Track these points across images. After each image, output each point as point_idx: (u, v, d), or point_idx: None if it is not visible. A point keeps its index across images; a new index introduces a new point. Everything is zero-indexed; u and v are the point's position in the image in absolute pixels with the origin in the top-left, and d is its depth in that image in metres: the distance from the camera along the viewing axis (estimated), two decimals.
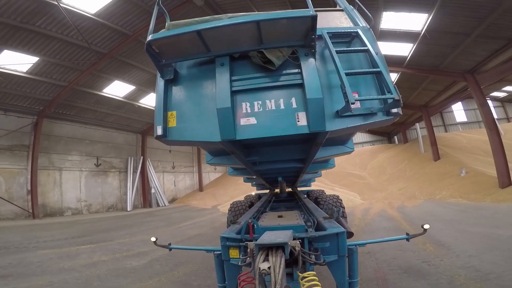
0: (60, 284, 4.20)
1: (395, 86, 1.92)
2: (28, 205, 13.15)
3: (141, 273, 4.63)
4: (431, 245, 5.03)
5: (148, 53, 2.12)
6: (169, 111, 2.37)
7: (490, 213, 7.44)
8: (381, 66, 2.02)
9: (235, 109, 2.22)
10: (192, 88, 2.42)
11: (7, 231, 9.20)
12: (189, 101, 2.38)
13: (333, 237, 2.03)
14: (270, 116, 2.19)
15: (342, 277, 2.04)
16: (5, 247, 6.79)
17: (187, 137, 2.30)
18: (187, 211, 15.44)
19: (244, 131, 2.18)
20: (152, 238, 2.79)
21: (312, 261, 1.85)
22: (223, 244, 2.23)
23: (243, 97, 2.26)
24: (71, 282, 4.30)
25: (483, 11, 8.77)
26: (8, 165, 12.91)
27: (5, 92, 12.02)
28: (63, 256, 5.87)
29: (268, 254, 1.63)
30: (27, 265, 5.18)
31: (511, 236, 4.99)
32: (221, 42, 2.16)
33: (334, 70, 2.10)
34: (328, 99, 2.17)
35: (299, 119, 2.16)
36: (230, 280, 2.23)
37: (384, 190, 14.65)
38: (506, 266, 3.71)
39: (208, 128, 2.24)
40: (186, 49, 2.22)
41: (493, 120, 11.27)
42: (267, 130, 2.18)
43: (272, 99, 2.22)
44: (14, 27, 9.32)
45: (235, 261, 2.17)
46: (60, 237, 8.08)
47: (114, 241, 7.46)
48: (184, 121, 2.33)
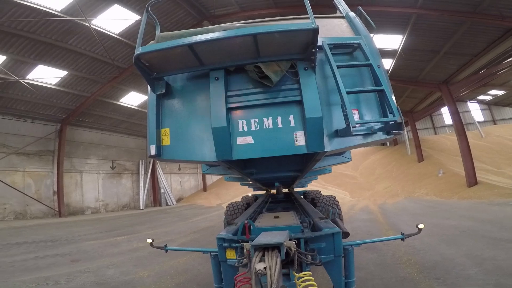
0: (120, 263, 5.36)
1: (398, 107, 1.86)
2: (54, 204, 14.75)
3: (174, 254, 6.13)
4: (392, 231, 6.64)
5: (137, 66, 2.05)
6: (162, 128, 2.31)
7: (450, 208, 9.06)
8: (384, 83, 1.97)
9: (231, 128, 2.18)
10: (186, 103, 2.34)
11: (46, 228, 10.75)
12: (182, 117, 2.31)
13: (329, 238, 2.04)
14: (267, 135, 2.15)
15: (338, 277, 2.05)
16: (56, 240, 8.31)
17: (182, 156, 2.28)
18: (194, 209, 17.03)
19: (240, 151, 2.16)
20: (148, 240, 2.76)
21: (308, 261, 1.87)
22: (220, 245, 2.22)
23: (239, 114, 2.21)
24: (127, 262, 5.66)
25: (448, 32, 10.44)
26: (37, 169, 14.49)
27: (34, 102, 13.58)
28: (108, 245, 7.39)
29: (264, 254, 1.65)
30: (85, 252, 6.68)
31: (452, 225, 6.57)
32: (215, 55, 2.09)
33: (334, 86, 2.05)
34: (327, 116, 2.12)
35: (297, 138, 2.12)
36: (227, 280, 2.25)
37: (371, 189, 16.31)
38: (434, 245, 5.24)
39: (204, 147, 2.21)
40: (178, 62, 2.15)
41: (462, 127, 12.91)
42: (264, 150, 2.17)
43: (270, 116, 2.17)
44: (50, 45, 10.84)
45: (231, 262, 2.17)
46: (95, 231, 9.63)
47: (142, 233, 9.02)
48: (178, 139, 2.28)
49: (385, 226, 7.05)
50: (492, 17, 8.76)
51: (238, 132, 2.17)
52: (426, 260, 4.29)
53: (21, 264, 5.43)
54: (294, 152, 2.11)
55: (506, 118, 28.87)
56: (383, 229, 6.71)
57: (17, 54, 10.75)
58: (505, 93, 26.24)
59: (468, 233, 5.60)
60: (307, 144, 2.08)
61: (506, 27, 9.31)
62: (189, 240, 7.25)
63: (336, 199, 5.18)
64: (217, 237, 2.24)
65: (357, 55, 2.29)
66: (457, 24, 9.77)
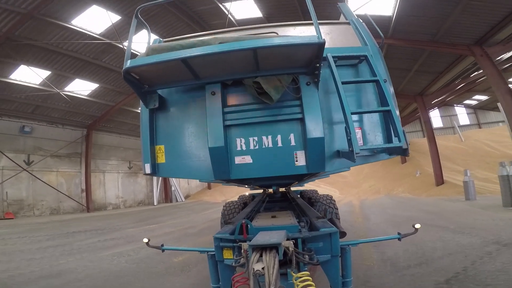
0: (163, 242, 7.74)
1: (403, 130, 1.77)
2: (82, 201, 16.97)
3: (199, 235, 8.25)
4: (361, 218, 8.82)
5: (127, 80, 1.93)
6: (156, 145, 2.26)
7: (415, 203, 11.25)
8: (391, 102, 1.87)
9: (228, 147, 2.13)
10: (181, 118, 2.28)
11: (85, 221, 12.74)
12: (178, 133, 2.26)
13: (326, 237, 2.03)
14: (266, 155, 2.11)
15: (335, 276, 2.07)
16: (103, 229, 10.07)
17: (178, 174, 2.29)
18: (203, 204, 19.23)
19: (239, 170, 2.13)
20: (144, 239, 2.74)
21: (305, 261, 1.86)
22: (217, 244, 2.20)
23: (237, 132, 2.16)
24: (168, 240, 7.36)
25: (415, 55, 12.65)
26: (67, 169, 16.69)
27: (66, 110, 15.78)
28: (145, 231, 9.40)
29: (262, 254, 1.64)
30: (132, 236, 8.38)
31: (405, 215, 8.61)
32: (211, 68, 1.97)
33: (337, 102, 1.94)
34: (329, 135, 2.07)
35: (297, 158, 2.08)
36: (224, 280, 2.23)
37: (359, 187, 18.53)
38: (383, 227, 7.24)
39: (200, 165, 2.17)
40: (171, 76, 2.04)
41: (433, 134, 15.19)
42: (263, 170, 2.14)
43: (269, 135, 2.13)
44: (87, 62, 12.99)
45: (229, 262, 2.14)
46: (129, 222, 11.67)
47: (166, 223, 11.17)
48: (174, 157, 2.23)
49: (357, 215, 9.22)
50: (446, 45, 10.79)
51: (236, 151, 2.14)
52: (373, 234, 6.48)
53: (94, 245, 7.44)
54: (294, 172, 2.13)
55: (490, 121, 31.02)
56: (355, 217, 8.90)
57: (60, 70, 12.92)
58: (489, 98, 28.42)
59: (412, 220, 7.74)
60: (307, 164, 2.06)
61: (457, 54, 11.50)
62: (207, 226, 9.42)
63: (333, 198, 5.19)
64: (214, 236, 2.22)
65: (362, 68, 2.23)
66: (421, 49, 11.95)
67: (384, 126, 2.11)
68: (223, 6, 11.20)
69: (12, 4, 9.11)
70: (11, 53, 10.84)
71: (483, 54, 9.31)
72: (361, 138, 2.09)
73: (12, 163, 14.11)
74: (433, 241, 5.17)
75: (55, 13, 10.17)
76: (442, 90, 15.23)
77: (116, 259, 5.58)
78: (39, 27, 10.43)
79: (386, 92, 1.90)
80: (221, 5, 11.13)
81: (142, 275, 4.40)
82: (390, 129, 1.94)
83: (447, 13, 8.85)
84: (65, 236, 8.52)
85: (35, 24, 10.21)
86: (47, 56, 11.97)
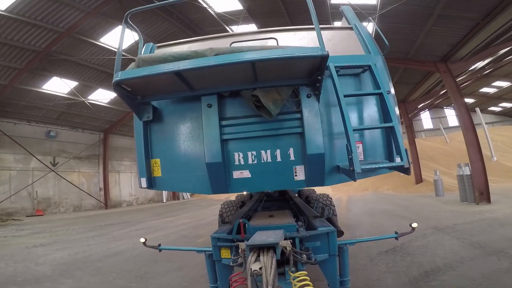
0: (185, 229, 8.99)
1: (406, 149, 1.71)
2: (101, 198, 18.77)
3: (211, 224, 9.65)
4: (345, 210, 10.63)
5: (118, 93, 1.84)
6: (152, 159, 2.22)
7: (393, 199, 13.09)
8: (394, 117, 1.80)
9: (226, 161, 2.09)
10: (176, 130, 2.24)
11: (109, 216, 14.14)
12: (173, 146, 2.22)
13: (324, 236, 2.04)
14: (265, 169, 2.10)
15: (333, 276, 2.07)
16: (128, 222, 11.29)
17: (176, 188, 2.32)
18: (208, 201, 20.96)
19: (237, 185, 2.12)
20: (141, 239, 2.72)
21: (303, 260, 1.86)
22: (214, 244, 2.19)
23: (235, 146, 2.13)
24: (187, 228, 9.02)
25: (393, 71, 14.36)
26: (87, 170, 18.47)
27: (87, 116, 17.47)
28: (167, 222, 10.85)
29: (260, 254, 1.64)
30: (156, 227, 9.89)
31: (381, 208, 10.31)
32: (206, 80, 1.91)
33: (338, 115, 1.92)
34: (329, 149, 2.04)
35: (296, 173, 2.08)
36: (222, 280, 2.23)
37: (350, 185, 20.32)
38: (360, 215, 9.15)
39: (198, 179, 2.15)
40: (165, 87, 1.97)
41: (413, 138, 17.07)
42: (262, 185, 2.14)
43: (268, 149, 2.10)
44: (110, 74, 14.44)
45: (226, 261, 2.14)
46: (148, 216, 13.23)
47: (181, 216, 12.85)
48: (170, 171, 2.21)
49: (342, 208, 11.04)
50: (416, 63, 12.41)
51: (234, 165, 2.10)
52: (350, 222, 8.33)
53: (129, 234, 8.79)
54: (293, 187, 2.16)
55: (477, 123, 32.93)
56: (340, 210, 10.70)
57: (86, 81, 14.64)
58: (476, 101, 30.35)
59: (385, 212, 9.59)
60: (306, 179, 2.06)
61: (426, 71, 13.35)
62: (215, 218, 10.67)
63: (329, 196, 5.17)
64: (211, 236, 2.21)
65: (365, 77, 2.18)
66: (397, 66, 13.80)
67: (385, 140, 2.09)
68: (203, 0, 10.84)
69: (52, 23, 10.66)
70: (47, 66, 12.52)
71: (446, 70, 11.03)
72: (361, 152, 2.08)
73: (41, 164, 15.89)
74: (391, 226, 7.00)
75: (87, 31, 11.74)
76: (423, 98, 17.11)
77: (153, 242, 7.33)
78: (73, 44, 12.05)
79: (389, 106, 1.85)
80: None
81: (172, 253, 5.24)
82: (392, 144, 1.92)
83: (416, 35, 10.53)
84: (101, 228, 10.07)
85: (70, 41, 11.81)
86: (77, 69, 13.70)
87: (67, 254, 6.01)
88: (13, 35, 10.54)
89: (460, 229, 5.95)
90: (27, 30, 10.58)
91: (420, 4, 8.78)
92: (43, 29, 10.84)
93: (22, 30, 10.52)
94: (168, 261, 5.08)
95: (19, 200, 14.74)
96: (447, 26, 9.63)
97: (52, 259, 5.63)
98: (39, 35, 11.02)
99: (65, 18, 10.72)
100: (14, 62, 11.82)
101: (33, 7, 9.70)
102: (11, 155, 14.89)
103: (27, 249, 6.73)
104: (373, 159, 2.08)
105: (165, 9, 11.45)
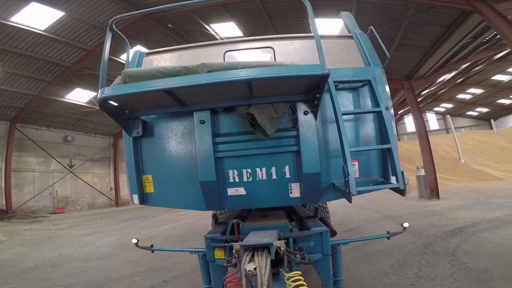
0: (196, 220, 10.57)
1: (403, 171, 1.72)
2: (111, 197, 20.64)
3: None
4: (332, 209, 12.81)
5: (103, 109, 1.77)
6: (143, 175, 2.19)
7: (368, 195, 15.16)
8: (392, 138, 1.81)
9: (221, 179, 2.07)
10: (168, 145, 2.18)
11: (121, 212, 15.83)
12: (166, 163, 2.18)
13: (317, 236, 2.06)
14: (260, 187, 2.09)
15: (326, 275, 2.11)
16: (143, 216, 12.47)
17: (169, 204, 2.27)
18: None
19: (232, 202, 2.13)
20: (133, 240, 2.71)
21: (297, 260, 1.88)
22: (208, 244, 2.19)
23: (230, 163, 2.09)
24: (198, 220, 9.84)
25: None
26: (100, 171, 20.31)
27: (100, 122, 19.17)
28: (177, 215, 12.22)
29: (254, 254, 1.65)
30: (170, 219, 10.67)
31: (355, 202, 12.62)
32: (198, 96, 1.85)
33: (334, 133, 1.93)
34: (325, 167, 2.03)
35: (292, 190, 2.08)
36: (216, 281, 2.23)
37: None
38: (337, 207, 11.33)
39: (191, 196, 2.13)
40: (154, 102, 1.90)
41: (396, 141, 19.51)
42: (257, 202, 2.15)
43: (263, 167, 2.08)
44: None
45: (220, 262, 2.14)
46: (159, 211, 13.59)
47: (188, 210, 14.83)
48: (163, 188, 2.19)
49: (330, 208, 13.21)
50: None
51: (229, 183, 2.09)
52: None
53: (151, 224, 10.38)
54: (288, 204, 2.20)
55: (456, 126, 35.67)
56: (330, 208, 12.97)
57: None
58: (454, 106, 33.00)
59: (358, 206, 11.69)
60: (302, 196, 2.06)
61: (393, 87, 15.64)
62: None
63: None
64: (205, 236, 2.21)
65: (364, 91, 2.16)
66: None
67: (381, 157, 2.09)
68: (210, 27, 12.27)
69: (82, 42, 12.25)
70: (73, 78, 14.20)
71: (409, 87, 13.19)
72: (357, 170, 2.07)
73: (59, 166, 17.70)
74: (357, 215, 9.14)
75: (110, 50, 13.56)
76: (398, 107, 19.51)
77: (174, 230, 8.82)
78: (96, 60, 13.48)
79: (388, 125, 1.84)
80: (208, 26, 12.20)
81: (194, 234, 7.29)
82: (388, 163, 1.90)
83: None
84: (124, 221, 11.60)
85: (95, 58, 13.32)
86: (98, 81, 15.45)
87: (113, 240, 7.69)
88: (48, 51, 12.19)
89: (405, 218, 8.15)
90: (60, 47, 12.23)
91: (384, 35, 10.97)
92: (74, 47, 12.46)
93: (57, 48, 12.18)
94: (192, 239, 7.11)
95: (42, 199, 16.55)
96: (406, 52, 11.73)
97: (105, 243, 7.27)
98: (69, 52, 12.67)
99: (93, 38, 12.35)
100: (45, 75, 13.49)
101: (68, 27, 11.25)
102: (34, 158, 16.68)
103: (78, 237, 8.11)
104: (368, 176, 2.10)
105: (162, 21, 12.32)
